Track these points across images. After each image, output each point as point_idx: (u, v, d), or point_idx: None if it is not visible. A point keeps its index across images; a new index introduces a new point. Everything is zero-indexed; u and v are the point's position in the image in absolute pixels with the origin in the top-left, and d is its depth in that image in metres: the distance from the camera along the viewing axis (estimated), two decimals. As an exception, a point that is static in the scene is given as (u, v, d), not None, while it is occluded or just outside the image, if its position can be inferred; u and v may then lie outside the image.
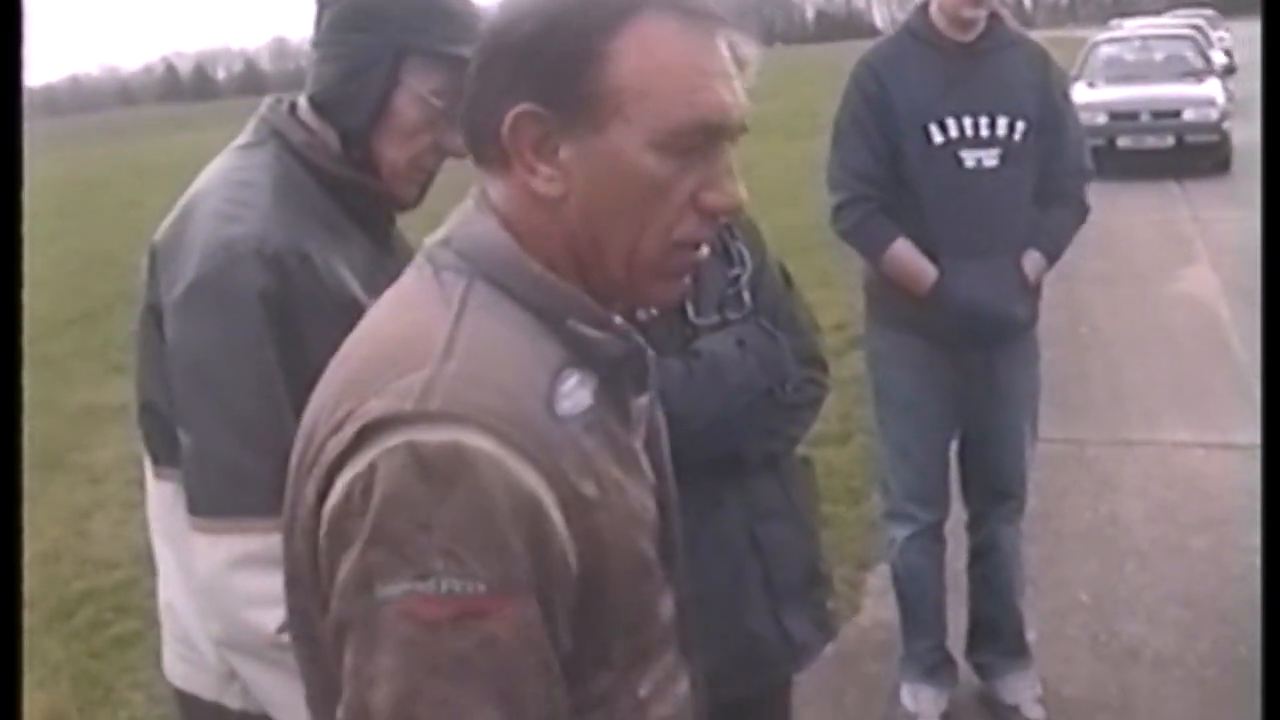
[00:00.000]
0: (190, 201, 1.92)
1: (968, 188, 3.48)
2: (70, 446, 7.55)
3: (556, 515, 1.14)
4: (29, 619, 5.08)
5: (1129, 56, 18.40)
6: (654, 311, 2.31)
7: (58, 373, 9.42)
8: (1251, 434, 6.30)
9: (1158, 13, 35.81)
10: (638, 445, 1.34)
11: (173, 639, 2.04)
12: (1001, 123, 3.48)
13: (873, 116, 3.53)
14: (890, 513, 3.92)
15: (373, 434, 1.14)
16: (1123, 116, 16.01)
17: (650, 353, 1.37)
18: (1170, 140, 15.77)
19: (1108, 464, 6.20)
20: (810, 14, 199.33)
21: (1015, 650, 3.98)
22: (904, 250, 3.52)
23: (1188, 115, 15.76)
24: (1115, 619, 4.55)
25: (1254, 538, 4.99)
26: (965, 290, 3.47)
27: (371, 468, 1.12)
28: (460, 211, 1.31)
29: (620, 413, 1.30)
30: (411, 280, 1.30)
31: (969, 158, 3.47)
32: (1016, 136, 3.49)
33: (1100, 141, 15.96)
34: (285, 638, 1.46)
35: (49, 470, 7.02)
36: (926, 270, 3.50)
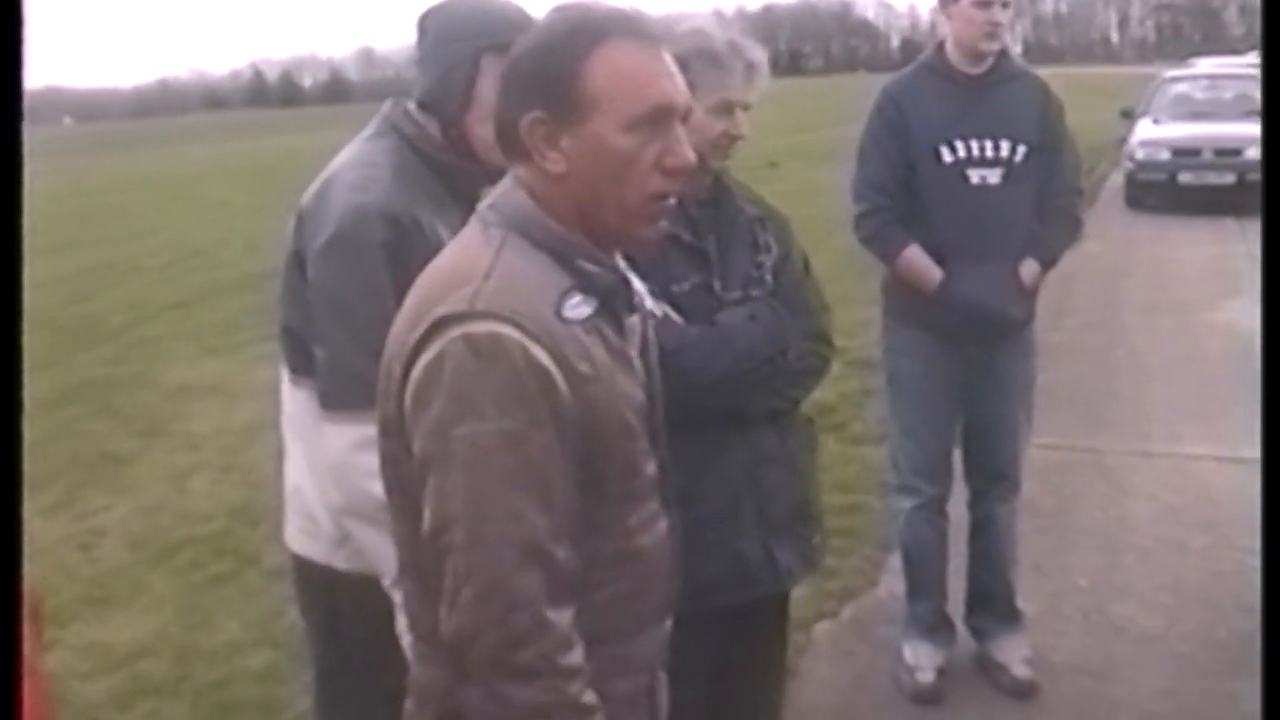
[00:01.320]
0: (328, 177, 2.52)
1: (973, 202, 4.00)
2: (170, 417, 8.20)
3: (561, 382, 1.71)
4: (134, 559, 5.72)
5: (1198, 95, 18.70)
6: (687, 285, 2.87)
7: (155, 352, 10.12)
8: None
9: (1242, 52, 35.76)
10: (632, 351, 1.90)
11: (295, 515, 2.62)
12: (1004, 146, 3.99)
13: (891, 138, 4.07)
14: (899, 486, 4.44)
15: (439, 328, 1.71)
16: (1185, 153, 16.37)
17: (635, 283, 1.94)
18: (1231, 178, 16.04)
19: (1124, 472, 6.63)
20: (895, 42, 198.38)
21: (1007, 616, 4.46)
22: (915, 255, 4.04)
23: (1249, 154, 15.93)
24: (1109, 601, 5.01)
25: (1249, 539, 5.49)
26: (967, 291, 3.99)
27: (441, 353, 1.70)
28: (501, 185, 1.89)
29: (615, 326, 1.86)
30: (468, 232, 1.88)
31: (975, 175, 3.99)
32: (1018, 159, 4.00)
33: (1162, 176, 16.37)
34: None
35: (149, 436, 7.68)
36: (934, 273, 4.02)
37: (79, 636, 4.97)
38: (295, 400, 2.55)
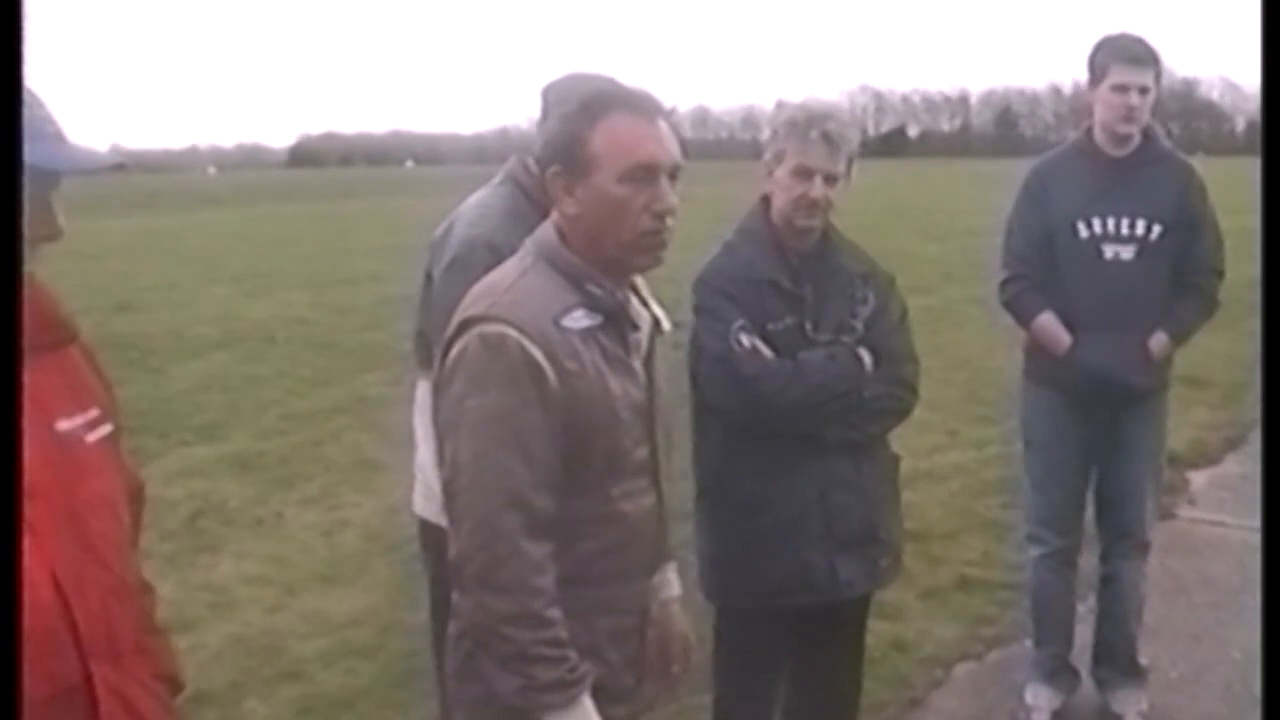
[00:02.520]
0: (457, 213, 3.19)
1: (1105, 275, 4.31)
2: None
3: (551, 374, 2.22)
4: (367, 548, 6.46)
5: None
6: (781, 325, 3.33)
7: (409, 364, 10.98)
8: None
9: None
10: (634, 361, 2.40)
11: (420, 484, 3.22)
12: (1140, 224, 4.29)
13: (1034, 212, 4.43)
14: (1029, 536, 4.74)
15: (466, 326, 2.27)
16: None
17: (634, 304, 2.43)
18: None
19: (1322, 560, 6.62)
20: (1241, 126, 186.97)
21: (1128, 670, 4.70)
22: (1047, 321, 4.38)
23: None
24: (1257, 675, 5.11)
25: None
26: (1093, 358, 4.30)
27: (465, 345, 2.25)
28: (544, 223, 2.42)
29: (617, 338, 2.37)
30: (514, 257, 2.43)
31: (1109, 250, 4.30)
32: (1153, 237, 4.29)
33: None
34: None
35: (406, 448, 8.45)
36: (1063, 338, 4.35)
37: (304, 605, 5.74)
38: (422, 390, 3.16)
